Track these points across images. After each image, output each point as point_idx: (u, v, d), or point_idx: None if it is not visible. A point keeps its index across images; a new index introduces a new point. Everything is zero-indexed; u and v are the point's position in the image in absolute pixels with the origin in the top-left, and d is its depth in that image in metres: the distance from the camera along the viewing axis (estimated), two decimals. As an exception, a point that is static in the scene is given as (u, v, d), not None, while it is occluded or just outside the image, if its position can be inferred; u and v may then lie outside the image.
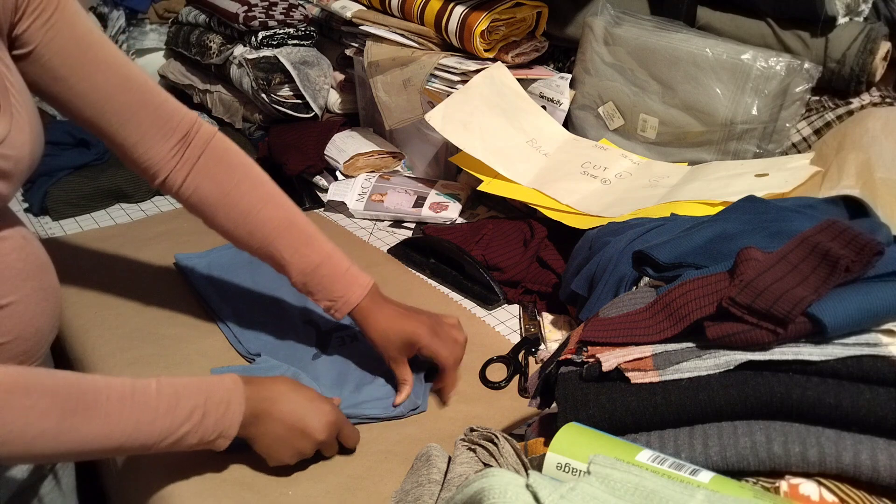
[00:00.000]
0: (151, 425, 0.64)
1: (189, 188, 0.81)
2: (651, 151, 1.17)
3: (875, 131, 0.93)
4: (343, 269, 0.83)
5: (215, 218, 0.82)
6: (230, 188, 0.81)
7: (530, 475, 0.45)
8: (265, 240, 0.81)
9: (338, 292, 0.82)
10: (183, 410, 0.65)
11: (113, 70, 0.74)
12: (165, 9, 1.81)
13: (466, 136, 1.17)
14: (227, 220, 0.81)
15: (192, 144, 0.80)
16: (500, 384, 0.87)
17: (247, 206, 0.81)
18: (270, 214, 0.81)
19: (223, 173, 0.81)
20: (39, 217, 1.28)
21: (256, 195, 0.82)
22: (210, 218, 0.82)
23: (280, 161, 1.40)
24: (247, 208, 0.81)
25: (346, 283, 0.82)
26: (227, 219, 0.81)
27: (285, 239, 0.81)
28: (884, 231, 0.64)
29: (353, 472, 0.74)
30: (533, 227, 1.09)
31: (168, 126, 0.78)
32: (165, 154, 0.78)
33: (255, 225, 0.81)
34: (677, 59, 1.10)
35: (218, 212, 0.81)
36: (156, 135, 0.77)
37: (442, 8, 1.23)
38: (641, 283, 0.76)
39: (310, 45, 1.55)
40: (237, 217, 0.81)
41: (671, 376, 0.52)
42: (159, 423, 0.64)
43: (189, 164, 0.80)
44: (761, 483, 0.48)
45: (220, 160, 0.82)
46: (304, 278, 0.82)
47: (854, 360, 0.48)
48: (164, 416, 0.64)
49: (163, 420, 0.64)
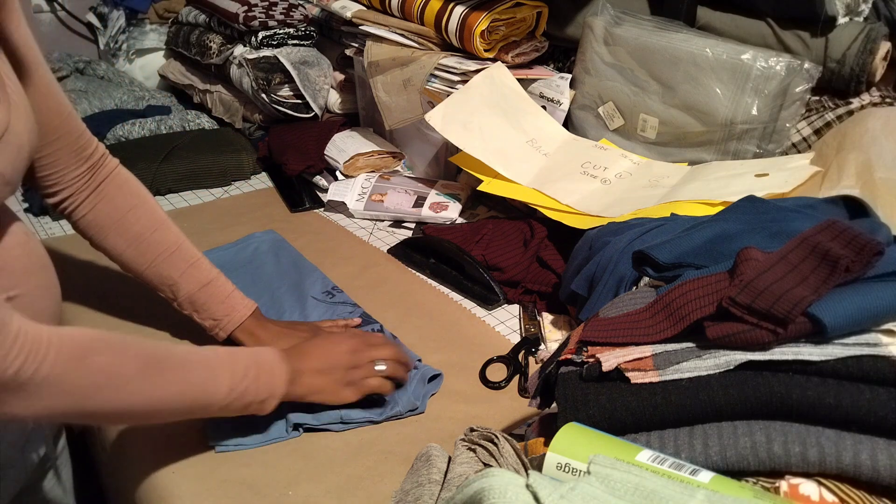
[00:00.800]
0: (216, 381, 0.69)
1: (86, 208, 0.85)
2: (651, 151, 1.17)
3: (875, 131, 0.93)
4: (228, 292, 0.89)
5: (106, 238, 0.87)
6: (126, 211, 0.86)
7: (530, 475, 0.45)
8: (155, 261, 0.87)
9: (222, 312, 0.88)
10: (240, 367, 0.71)
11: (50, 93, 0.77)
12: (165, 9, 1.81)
13: (466, 136, 1.17)
14: (118, 240, 0.87)
15: (98, 172, 0.85)
16: (500, 384, 0.87)
17: (140, 229, 0.87)
18: (161, 238, 0.87)
19: (121, 198, 0.87)
20: (39, 217, 1.28)
21: (150, 220, 0.87)
22: (100, 238, 0.87)
23: (280, 161, 1.40)
24: (140, 231, 0.87)
25: (231, 304, 0.88)
26: (120, 239, 0.86)
27: (174, 260, 0.87)
28: (884, 231, 0.64)
29: (353, 472, 0.74)
30: (533, 227, 1.09)
31: (83, 154, 0.83)
32: (74, 177, 0.83)
33: (147, 246, 0.87)
34: (677, 59, 1.10)
35: (110, 232, 0.86)
36: (71, 160, 0.82)
37: (442, 8, 1.23)
38: (641, 283, 0.76)
39: (310, 45, 1.55)
40: (129, 238, 0.86)
41: (671, 376, 0.52)
42: (222, 379, 0.69)
43: (91, 188, 0.85)
44: (761, 483, 0.48)
45: (121, 187, 0.87)
46: (190, 297, 0.87)
47: (854, 360, 0.48)
48: (225, 371, 0.70)
49: (224, 376, 0.69)
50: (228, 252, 1.14)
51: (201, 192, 1.40)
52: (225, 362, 0.70)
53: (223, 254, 1.11)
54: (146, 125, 1.51)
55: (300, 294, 1.04)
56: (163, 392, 0.66)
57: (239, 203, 1.36)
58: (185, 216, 0.87)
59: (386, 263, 1.15)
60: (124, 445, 0.80)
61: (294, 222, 1.28)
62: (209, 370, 0.69)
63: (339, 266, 1.12)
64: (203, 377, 0.69)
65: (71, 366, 0.60)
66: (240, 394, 0.70)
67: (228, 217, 1.30)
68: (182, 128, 1.55)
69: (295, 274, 1.09)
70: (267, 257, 1.14)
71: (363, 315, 0.99)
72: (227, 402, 0.70)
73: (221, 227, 1.25)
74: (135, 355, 0.65)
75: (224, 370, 0.70)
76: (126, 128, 1.49)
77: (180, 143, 1.43)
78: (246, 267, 1.10)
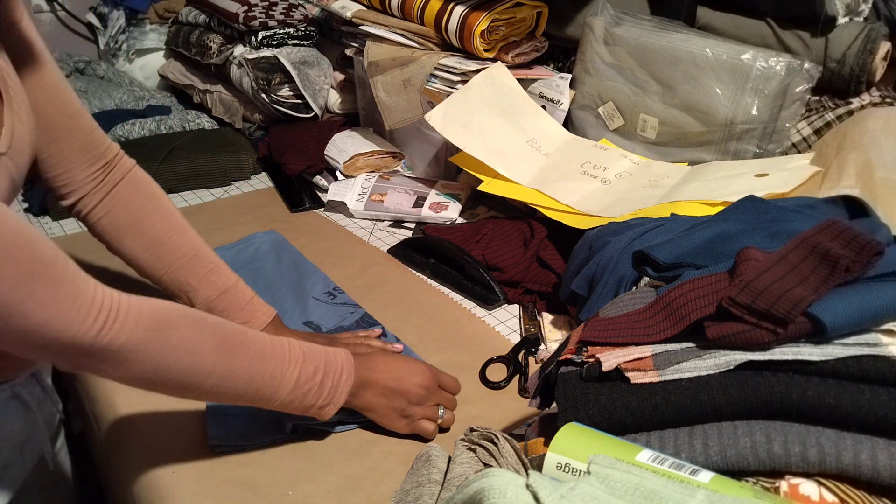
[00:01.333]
0: (285, 373, 0.68)
1: (101, 211, 0.84)
2: (651, 151, 1.17)
3: (875, 131, 0.93)
4: (248, 298, 0.87)
5: (122, 241, 0.85)
6: (143, 215, 0.85)
7: (530, 475, 0.45)
8: (173, 265, 0.85)
9: (242, 318, 0.86)
10: (309, 366, 0.69)
11: (56, 90, 0.77)
12: (165, 9, 1.81)
13: (466, 136, 1.17)
14: (135, 244, 0.85)
15: (113, 172, 0.84)
16: (500, 384, 0.87)
17: (158, 233, 0.85)
18: (179, 242, 0.86)
19: (138, 200, 0.85)
20: (39, 217, 1.28)
21: (167, 224, 0.86)
22: (116, 242, 0.86)
23: (280, 161, 1.40)
24: (157, 235, 0.85)
25: (251, 311, 0.87)
26: (136, 243, 0.85)
27: (192, 266, 0.86)
28: (884, 231, 0.64)
29: (353, 472, 0.74)
30: (533, 227, 1.09)
31: (94, 153, 0.82)
32: (85, 177, 0.82)
33: (165, 251, 0.85)
34: (677, 59, 1.10)
35: (127, 236, 0.85)
36: (81, 159, 0.81)
37: (442, 8, 1.23)
38: (641, 283, 0.76)
39: (310, 45, 1.55)
40: (147, 242, 0.85)
41: (671, 376, 0.52)
42: (289, 374, 0.68)
43: (106, 190, 0.84)
44: (761, 483, 0.48)
45: (137, 189, 0.86)
46: (209, 304, 0.86)
47: (854, 360, 0.48)
48: (294, 367, 0.68)
49: (293, 371, 0.68)
50: (229, 252, 1.14)
51: (201, 192, 1.40)
52: (297, 358, 0.69)
53: (224, 254, 1.10)
54: (146, 125, 1.51)
55: (301, 294, 1.04)
56: (233, 375, 0.65)
57: (239, 203, 1.37)
58: (185, 216, 0.87)
59: (386, 263, 1.15)
60: (124, 445, 0.80)
61: (294, 222, 1.28)
62: (281, 362, 0.68)
63: (339, 266, 1.12)
64: (273, 368, 0.67)
65: (150, 334, 0.61)
66: (303, 394, 0.69)
67: (228, 217, 1.30)
68: (182, 128, 1.55)
69: (296, 274, 1.09)
70: (268, 257, 1.14)
71: (364, 316, 0.99)
72: (290, 400, 0.69)
73: (221, 227, 1.25)
74: (212, 334, 0.65)
75: (294, 366, 0.68)
76: (126, 128, 1.49)
77: (180, 143, 1.43)
78: (247, 267, 1.11)
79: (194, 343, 0.63)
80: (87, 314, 0.57)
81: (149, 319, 0.61)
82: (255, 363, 0.66)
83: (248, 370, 0.66)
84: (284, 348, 0.69)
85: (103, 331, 0.58)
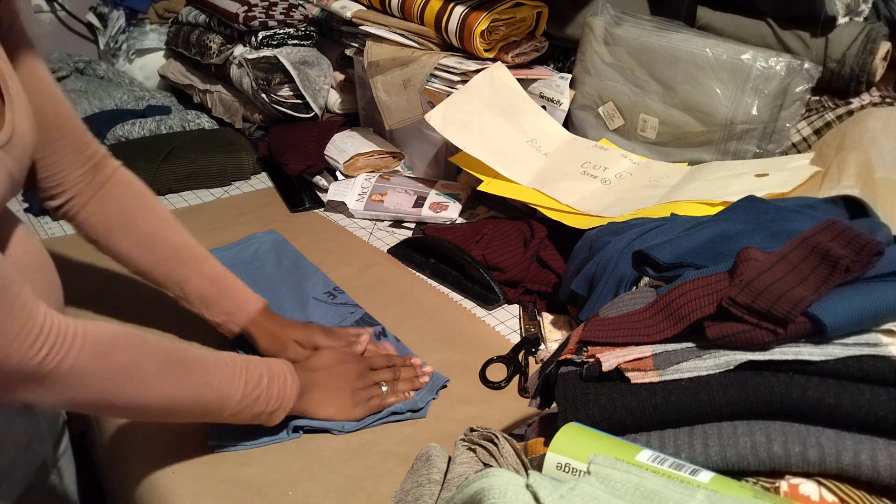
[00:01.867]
0: (231, 383, 0.70)
1: (90, 210, 0.85)
2: (651, 151, 1.17)
3: (875, 131, 0.93)
4: (238, 287, 0.89)
5: (113, 239, 0.87)
6: (132, 211, 0.87)
7: (530, 475, 0.45)
8: (164, 257, 0.87)
9: (234, 305, 0.88)
10: (254, 374, 0.71)
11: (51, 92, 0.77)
12: (165, 9, 1.81)
13: (466, 136, 1.17)
14: (125, 240, 0.86)
15: (100, 173, 0.85)
16: (500, 384, 0.87)
17: (147, 228, 0.87)
18: (168, 235, 0.88)
19: (126, 198, 0.87)
20: (39, 217, 1.28)
21: (156, 219, 0.88)
22: (107, 240, 0.87)
23: (280, 161, 1.40)
24: (147, 229, 0.87)
25: (243, 298, 0.89)
26: (126, 239, 0.86)
27: (183, 257, 0.87)
28: (884, 231, 0.64)
29: (353, 472, 0.74)
30: (533, 227, 1.09)
31: (84, 155, 0.83)
32: (76, 178, 0.83)
33: (155, 244, 0.87)
34: (677, 59, 1.10)
35: (117, 233, 0.86)
36: (73, 160, 0.82)
37: (442, 8, 1.23)
38: (641, 283, 0.76)
39: (310, 45, 1.55)
40: (136, 237, 0.86)
41: (671, 376, 0.52)
42: (236, 383, 0.70)
43: (94, 190, 0.85)
44: (761, 483, 0.48)
45: (125, 187, 0.87)
46: (200, 294, 0.87)
47: (854, 360, 0.48)
48: (240, 376, 0.70)
49: (239, 380, 0.70)
50: (229, 252, 1.14)
51: (201, 192, 1.40)
52: (241, 367, 0.71)
53: (224, 254, 1.11)
54: (146, 125, 1.51)
55: (302, 295, 1.04)
56: (180, 392, 0.67)
57: (239, 203, 1.37)
58: (185, 216, 0.87)
59: (386, 263, 1.15)
60: (124, 445, 0.80)
61: (294, 222, 1.28)
62: (226, 374, 0.70)
63: (339, 266, 1.12)
64: (219, 380, 0.69)
65: (94, 359, 0.61)
66: (252, 401, 0.71)
67: (228, 217, 1.30)
68: (182, 128, 1.55)
69: (296, 274, 1.09)
70: (268, 258, 1.14)
71: (364, 316, 0.99)
72: (240, 409, 0.70)
73: (221, 227, 1.25)
74: (156, 353, 0.66)
75: (239, 375, 0.70)
76: (126, 128, 1.49)
77: (180, 143, 1.43)
78: (247, 267, 1.10)
79: (139, 364, 0.64)
80: (35, 341, 0.57)
81: (94, 342, 0.61)
82: (200, 378, 0.68)
83: (193, 385, 0.67)
84: (227, 360, 0.71)
85: (49, 356, 0.58)
